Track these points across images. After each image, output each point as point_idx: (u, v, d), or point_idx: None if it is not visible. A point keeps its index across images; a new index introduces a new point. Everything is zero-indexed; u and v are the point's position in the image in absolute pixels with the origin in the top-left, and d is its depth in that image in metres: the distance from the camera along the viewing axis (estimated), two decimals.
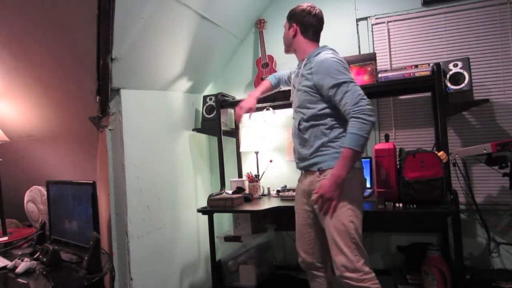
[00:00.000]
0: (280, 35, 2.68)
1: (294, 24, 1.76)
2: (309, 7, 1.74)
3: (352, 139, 1.50)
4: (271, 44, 2.69)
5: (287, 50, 1.87)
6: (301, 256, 1.84)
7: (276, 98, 2.46)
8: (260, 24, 2.69)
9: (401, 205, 1.86)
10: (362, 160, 1.84)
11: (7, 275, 1.59)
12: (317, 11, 1.75)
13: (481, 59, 2.24)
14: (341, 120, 1.62)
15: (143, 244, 2.02)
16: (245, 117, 2.78)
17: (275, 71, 2.56)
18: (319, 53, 1.67)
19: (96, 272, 1.53)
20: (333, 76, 1.57)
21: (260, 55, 2.66)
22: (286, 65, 2.67)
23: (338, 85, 1.55)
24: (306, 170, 1.73)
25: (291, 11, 1.80)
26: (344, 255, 1.54)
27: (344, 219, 1.55)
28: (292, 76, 1.88)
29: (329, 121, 1.64)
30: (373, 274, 1.55)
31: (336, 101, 1.58)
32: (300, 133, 1.72)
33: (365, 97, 1.53)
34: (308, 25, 1.73)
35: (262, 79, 2.59)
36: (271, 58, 2.61)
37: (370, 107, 1.51)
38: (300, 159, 1.75)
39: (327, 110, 1.64)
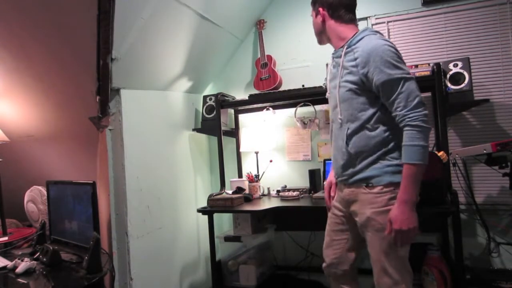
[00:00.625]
0: (280, 36, 2.71)
1: (320, 9, 1.48)
2: None
3: (412, 152, 1.27)
4: (270, 44, 2.69)
5: (320, 40, 1.59)
6: (327, 262, 1.64)
7: (276, 98, 2.47)
8: (259, 25, 2.68)
9: None
10: None
11: (7, 275, 1.58)
12: None
13: (481, 59, 2.24)
14: (397, 125, 1.36)
15: (143, 244, 2.02)
16: (244, 117, 2.80)
17: (274, 71, 2.56)
18: (363, 37, 1.39)
19: (96, 272, 1.53)
20: (385, 70, 1.30)
21: (259, 55, 2.66)
22: (286, 65, 2.68)
23: (390, 83, 1.30)
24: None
25: None
26: (390, 277, 1.37)
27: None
28: (330, 68, 1.57)
29: (380, 127, 1.39)
30: None
31: (385, 102, 1.34)
32: (343, 143, 1.44)
33: (422, 99, 1.30)
34: (336, 4, 1.45)
35: (261, 79, 2.59)
36: (270, 58, 2.61)
37: (426, 111, 1.30)
38: (340, 170, 1.50)
39: (379, 113, 1.38)
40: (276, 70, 2.57)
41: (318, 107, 2.53)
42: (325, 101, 2.47)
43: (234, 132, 2.75)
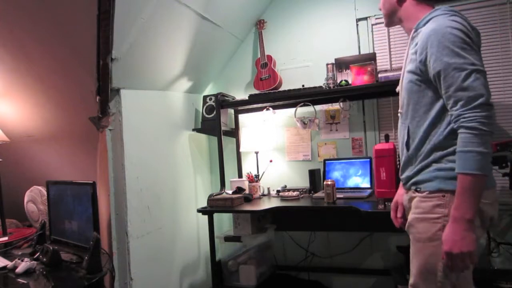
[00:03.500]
0: (280, 36, 2.71)
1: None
2: None
3: (467, 159, 1.06)
4: (270, 44, 2.69)
5: (390, 22, 1.38)
6: None
7: (276, 98, 2.47)
8: (259, 24, 2.68)
9: None
10: (361, 160, 1.82)
11: (7, 275, 1.59)
12: None
13: None
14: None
15: (143, 244, 2.02)
16: (245, 117, 2.80)
17: (274, 71, 2.56)
18: (431, 18, 1.18)
19: (96, 272, 1.53)
20: (442, 57, 1.09)
21: (259, 55, 2.66)
22: (286, 65, 2.67)
23: (447, 74, 1.09)
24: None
25: None
26: None
27: (433, 255, 1.14)
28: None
29: (443, 125, 1.17)
30: None
31: (442, 94, 1.13)
32: (403, 141, 1.28)
33: (487, 99, 1.06)
34: None
35: (261, 79, 2.59)
36: (270, 58, 2.61)
37: (489, 113, 1.05)
38: (401, 171, 1.34)
39: (441, 109, 1.16)
40: (276, 70, 2.57)
41: (318, 107, 2.53)
42: (325, 101, 2.49)
43: (234, 132, 2.75)
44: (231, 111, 2.78)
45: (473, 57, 1.08)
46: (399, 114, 1.37)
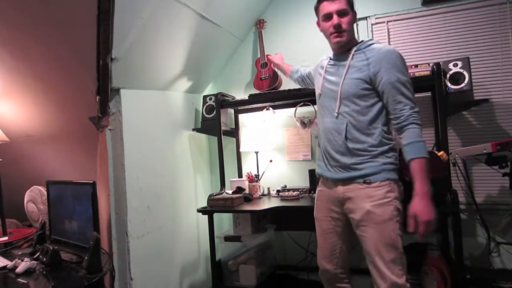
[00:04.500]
0: (280, 36, 2.71)
1: (352, 12, 1.58)
2: None
3: (420, 147, 1.40)
4: (270, 44, 2.69)
5: (347, 37, 1.59)
6: (324, 267, 1.67)
7: (276, 98, 2.47)
8: (259, 24, 2.68)
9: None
10: None
11: (7, 275, 1.58)
12: None
13: (481, 59, 2.24)
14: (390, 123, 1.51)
15: (143, 244, 2.02)
16: (244, 117, 2.80)
17: (273, 71, 2.56)
18: (372, 43, 1.53)
19: (96, 272, 1.53)
20: (396, 71, 1.43)
21: (259, 55, 2.66)
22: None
23: (398, 85, 1.42)
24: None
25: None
26: (392, 271, 1.42)
27: (392, 231, 1.43)
28: (321, 72, 1.67)
29: (380, 127, 1.49)
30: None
31: (390, 99, 1.45)
32: (345, 139, 1.51)
33: (416, 107, 1.46)
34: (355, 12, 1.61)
35: (261, 79, 2.59)
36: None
37: (418, 111, 1.46)
38: (334, 164, 1.56)
39: (380, 113, 1.50)
40: (276, 70, 2.57)
41: None
42: None
43: (234, 132, 2.75)
44: (231, 111, 2.78)
45: (409, 77, 1.48)
46: (322, 114, 1.63)
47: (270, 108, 2.58)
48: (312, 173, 2.43)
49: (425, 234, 1.37)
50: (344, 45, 1.58)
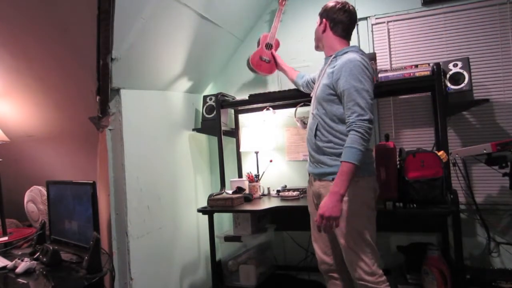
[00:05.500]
0: (280, 36, 2.70)
1: (324, 20, 1.72)
2: (341, 4, 1.69)
3: (352, 153, 1.46)
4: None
5: (317, 46, 1.84)
6: (321, 258, 1.80)
7: (276, 98, 2.46)
8: (282, 1, 2.51)
9: (401, 205, 1.86)
10: None
11: (7, 275, 1.59)
12: (349, 8, 1.69)
13: (481, 59, 2.24)
14: None
15: (143, 244, 2.02)
16: (244, 117, 2.80)
17: (273, 57, 2.45)
18: (346, 52, 1.63)
19: (96, 272, 1.53)
20: (351, 79, 1.52)
21: (269, 31, 2.49)
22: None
23: (350, 92, 1.51)
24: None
25: (323, 7, 1.75)
26: (362, 261, 1.56)
27: (359, 226, 1.56)
28: (316, 75, 1.86)
29: (343, 127, 1.58)
30: (385, 277, 1.59)
31: (344, 105, 1.55)
32: (314, 138, 1.67)
33: (372, 118, 1.50)
34: (337, 21, 1.69)
35: (262, 59, 2.43)
36: (277, 43, 2.52)
37: (371, 125, 1.49)
38: (314, 163, 1.72)
39: (343, 116, 1.59)
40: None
41: None
42: None
43: (234, 132, 2.75)
44: (231, 111, 2.78)
45: (369, 84, 1.53)
46: (310, 114, 1.77)
47: (270, 108, 2.58)
48: None
49: (326, 229, 1.49)
50: (319, 50, 1.82)
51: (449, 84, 2.04)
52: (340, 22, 1.69)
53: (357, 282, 1.59)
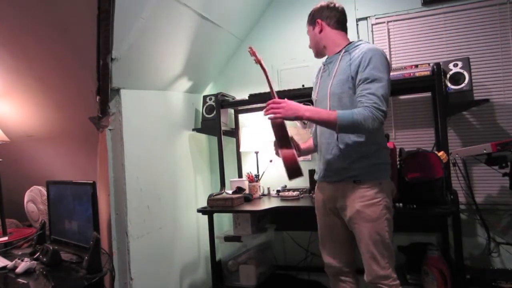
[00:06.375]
0: (280, 35, 2.71)
1: (318, 20, 1.67)
2: (327, 3, 1.68)
3: (349, 120, 1.38)
4: (270, 44, 2.67)
5: (318, 53, 1.75)
6: (328, 262, 1.73)
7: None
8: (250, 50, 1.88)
9: (401, 205, 1.86)
10: None
11: (7, 275, 1.58)
12: (336, 5, 1.67)
13: (481, 59, 2.24)
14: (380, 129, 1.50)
15: (143, 244, 2.02)
16: (244, 117, 2.80)
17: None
18: (360, 44, 1.55)
19: (96, 272, 1.53)
20: (377, 70, 1.42)
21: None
22: (286, 65, 2.67)
23: (375, 80, 1.41)
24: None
25: (310, 13, 1.74)
26: (378, 264, 1.52)
27: (381, 229, 1.51)
28: (320, 75, 1.74)
29: None
30: (398, 281, 1.55)
31: (360, 91, 1.44)
32: (337, 141, 1.55)
33: (386, 111, 1.41)
34: (331, 16, 1.65)
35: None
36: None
37: (384, 119, 1.39)
38: (327, 166, 1.62)
39: None
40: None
41: None
42: None
43: (234, 132, 2.75)
44: (231, 111, 2.78)
45: (388, 77, 1.45)
46: None
47: None
48: (312, 173, 2.43)
49: (267, 113, 1.50)
50: (321, 55, 1.74)
51: (449, 84, 2.04)
52: (334, 16, 1.65)
53: (371, 284, 1.56)
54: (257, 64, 1.69)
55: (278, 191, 2.49)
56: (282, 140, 1.61)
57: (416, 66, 2.07)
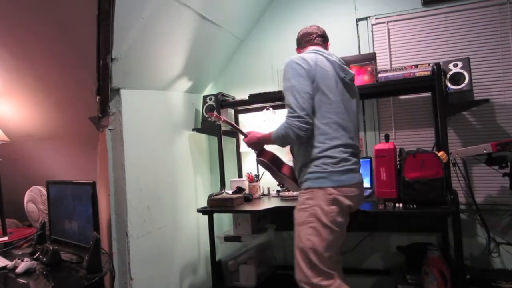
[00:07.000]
0: (280, 35, 2.71)
1: (296, 49, 1.88)
2: (301, 29, 1.85)
3: (275, 132, 1.61)
4: (271, 44, 2.67)
5: None
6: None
7: (276, 98, 2.46)
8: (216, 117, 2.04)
9: (401, 205, 1.86)
10: (361, 160, 1.84)
11: (7, 275, 1.59)
12: (307, 27, 1.83)
13: (481, 59, 2.24)
14: (323, 134, 1.57)
15: (143, 244, 2.02)
16: (245, 117, 2.80)
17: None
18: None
19: (96, 272, 1.53)
20: (285, 80, 1.59)
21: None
22: None
23: (285, 91, 1.58)
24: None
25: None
26: (300, 268, 1.57)
27: (303, 235, 1.56)
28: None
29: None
30: None
31: None
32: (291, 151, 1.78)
33: (303, 111, 1.51)
34: (299, 40, 1.84)
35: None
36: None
37: (300, 120, 1.51)
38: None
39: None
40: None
41: None
42: None
43: (234, 132, 2.75)
44: (231, 111, 2.78)
45: (299, 80, 1.55)
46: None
47: (270, 108, 2.58)
48: None
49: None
50: None
51: (449, 84, 2.04)
52: (301, 38, 1.83)
53: (297, 282, 1.61)
54: (223, 123, 2.00)
55: (278, 191, 2.49)
56: (274, 164, 1.85)
57: (416, 66, 2.07)
